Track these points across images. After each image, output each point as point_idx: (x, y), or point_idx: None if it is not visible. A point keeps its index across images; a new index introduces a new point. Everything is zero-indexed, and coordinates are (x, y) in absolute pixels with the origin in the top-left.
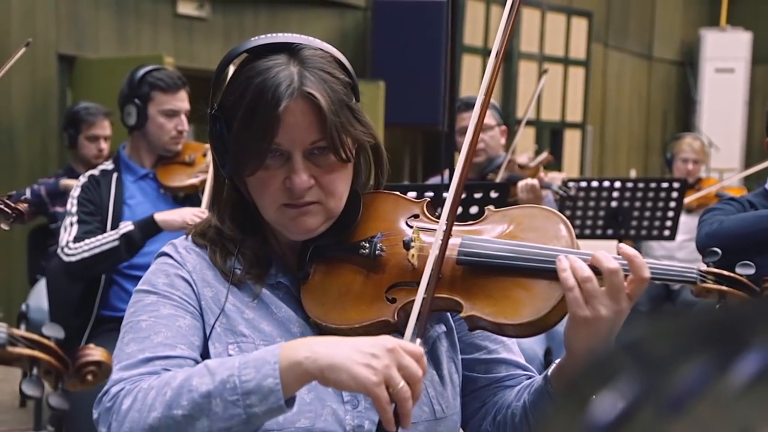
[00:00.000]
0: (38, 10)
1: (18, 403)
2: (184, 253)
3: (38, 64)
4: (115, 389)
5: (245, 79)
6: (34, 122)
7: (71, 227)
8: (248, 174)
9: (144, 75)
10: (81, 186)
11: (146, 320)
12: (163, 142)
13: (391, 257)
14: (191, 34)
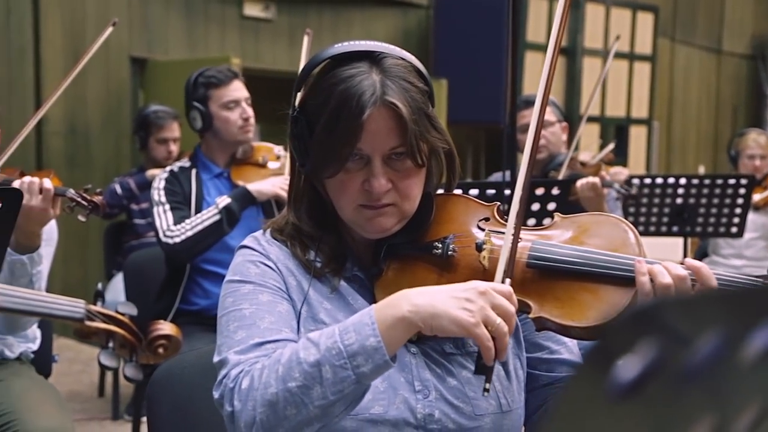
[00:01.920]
0: (111, 13)
1: (97, 393)
2: (266, 245)
3: (112, 67)
4: (235, 371)
5: (329, 86)
6: (108, 123)
7: (165, 214)
8: (329, 176)
9: (196, 78)
10: (164, 179)
11: (248, 308)
12: (233, 134)
13: (462, 258)
14: (257, 35)
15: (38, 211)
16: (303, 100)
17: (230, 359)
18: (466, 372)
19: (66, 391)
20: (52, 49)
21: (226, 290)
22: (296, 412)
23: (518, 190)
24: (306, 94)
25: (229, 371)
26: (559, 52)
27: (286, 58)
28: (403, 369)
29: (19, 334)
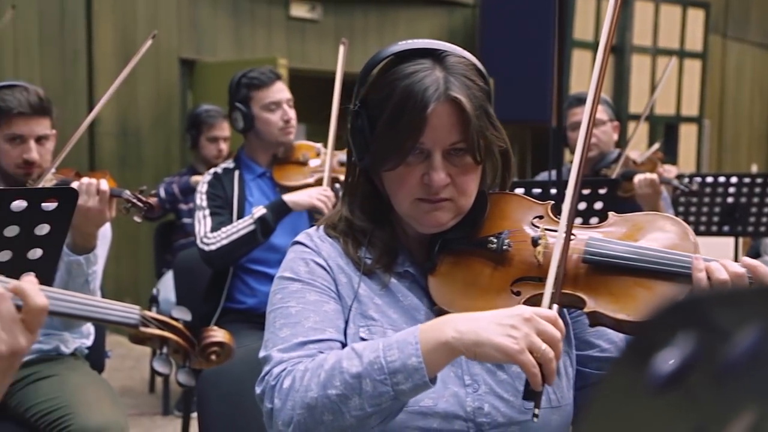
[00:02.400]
0: (161, 16)
1: (148, 389)
2: (318, 241)
3: (161, 69)
4: (277, 369)
5: (392, 81)
6: (158, 124)
7: (204, 219)
8: (389, 169)
9: (239, 79)
10: (207, 182)
11: (295, 306)
12: (274, 135)
13: (517, 253)
14: (303, 35)
15: (95, 212)
16: (365, 95)
17: (274, 357)
18: (516, 367)
19: (118, 387)
20: (104, 52)
21: (276, 286)
22: (333, 419)
23: (570, 188)
24: (368, 89)
25: (271, 369)
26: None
27: (332, 58)
28: (452, 364)
29: (74, 330)
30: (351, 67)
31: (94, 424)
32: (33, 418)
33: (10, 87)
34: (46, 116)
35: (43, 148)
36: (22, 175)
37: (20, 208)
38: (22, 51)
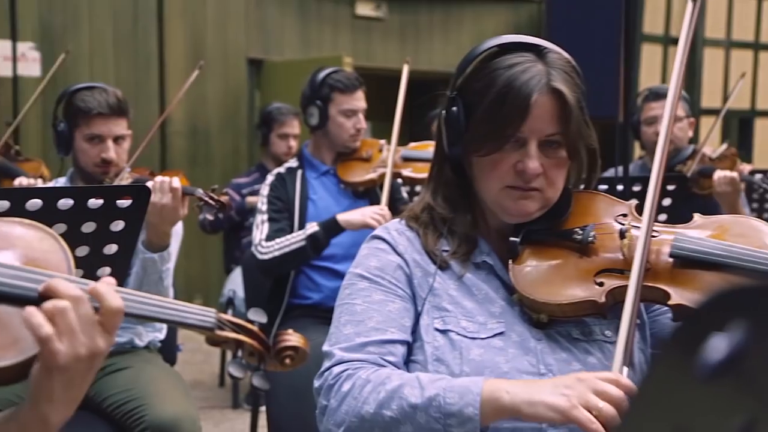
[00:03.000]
0: (230, 18)
1: (218, 382)
2: (396, 235)
3: (230, 69)
4: (337, 369)
5: (494, 70)
6: (226, 123)
7: (262, 225)
8: (484, 153)
9: (324, 78)
10: (269, 185)
11: (360, 304)
12: (343, 140)
13: (601, 246)
14: (369, 34)
15: (169, 210)
16: (463, 83)
17: (336, 354)
18: (591, 358)
19: (189, 380)
20: (174, 54)
21: (347, 280)
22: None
23: (653, 182)
24: (468, 77)
25: (332, 367)
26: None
27: (397, 56)
28: (527, 353)
29: (148, 324)
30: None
31: (167, 415)
32: (109, 409)
33: (90, 88)
34: (123, 117)
35: (120, 147)
36: (100, 174)
37: (97, 206)
38: (98, 55)
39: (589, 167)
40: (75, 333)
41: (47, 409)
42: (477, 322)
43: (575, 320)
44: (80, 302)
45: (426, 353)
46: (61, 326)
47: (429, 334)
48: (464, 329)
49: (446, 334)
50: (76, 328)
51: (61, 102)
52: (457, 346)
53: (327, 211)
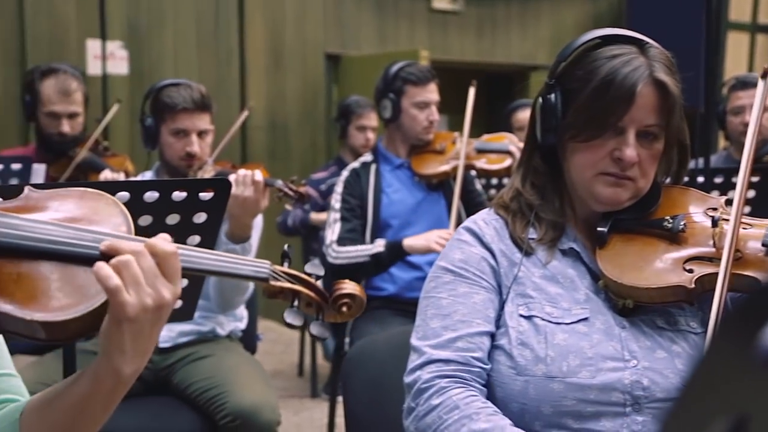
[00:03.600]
0: (308, 14)
1: (297, 372)
2: (483, 225)
3: (308, 64)
4: (428, 374)
5: (597, 59)
6: (304, 118)
7: (334, 224)
8: (583, 140)
9: (397, 71)
10: (343, 181)
11: (446, 298)
12: (416, 132)
13: (691, 235)
14: (445, 27)
15: (251, 202)
16: (563, 70)
17: (425, 351)
18: (676, 347)
19: (269, 370)
20: (255, 50)
21: (432, 272)
22: None
23: (742, 173)
24: (568, 66)
25: (423, 366)
26: None
27: (474, 49)
28: (611, 339)
29: (229, 313)
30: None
31: (248, 402)
32: (192, 395)
33: (176, 85)
34: (207, 112)
35: (204, 141)
36: (185, 167)
37: (180, 198)
38: (181, 52)
39: (679, 162)
40: (140, 284)
41: (119, 361)
42: (561, 308)
43: (660, 309)
44: (141, 255)
45: (510, 337)
46: (126, 278)
47: (513, 319)
48: (548, 314)
49: (531, 319)
50: (141, 279)
51: (149, 98)
52: (542, 330)
53: (401, 203)
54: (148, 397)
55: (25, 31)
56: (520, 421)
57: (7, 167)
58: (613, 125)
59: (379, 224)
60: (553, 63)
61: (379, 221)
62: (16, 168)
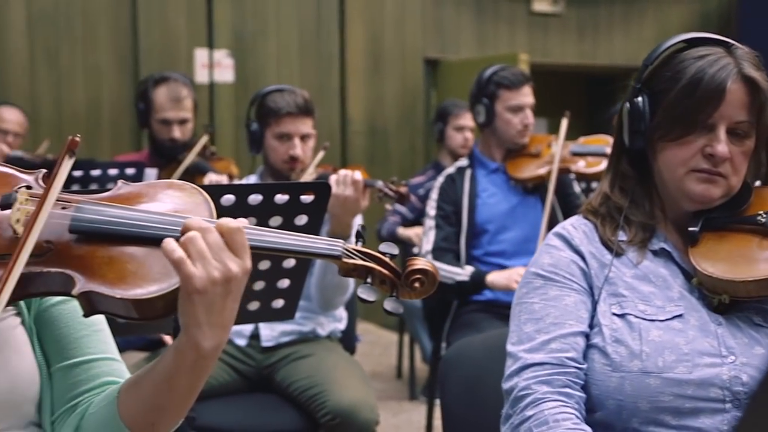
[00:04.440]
0: (408, 19)
1: (395, 374)
2: (571, 229)
3: (407, 69)
4: (525, 381)
5: (684, 60)
6: (403, 122)
7: (430, 232)
8: (673, 138)
9: (490, 75)
10: (439, 187)
11: (538, 302)
12: (511, 136)
13: None
14: (545, 30)
15: (351, 202)
16: (650, 74)
17: (520, 356)
18: None
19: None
20: (355, 55)
21: (524, 279)
22: None
23: None
24: (655, 68)
25: (519, 372)
26: None
27: (575, 51)
28: (707, 335)
29: (329, 313)
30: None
31: (347, 401)
32: (294, 393)
33: (280, 90)
34: (310, 116)
35: (306, 145)
36: (287, 170)
37: (283, 201)
38: (284, 58)
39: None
40: (206, 257)
41: (197, 334)
42: (655, 306)
43: (756, 304)
44: (207, 231)
45: (604, 335)
46: (192, 252)
47: (606, 318)
48: (642, 312)
49: (624, 317)
50: (207, 253)
51: (254, 104)
52: (636, 327)
53: (496, 207)
54: (252, 395)
55: (139, 42)
56: (617, 418)
57: (122, 171)
58: (703, 123)
59: (474, 229)
60: (640, 67)
61: (475, 226)
62: (131, 172)
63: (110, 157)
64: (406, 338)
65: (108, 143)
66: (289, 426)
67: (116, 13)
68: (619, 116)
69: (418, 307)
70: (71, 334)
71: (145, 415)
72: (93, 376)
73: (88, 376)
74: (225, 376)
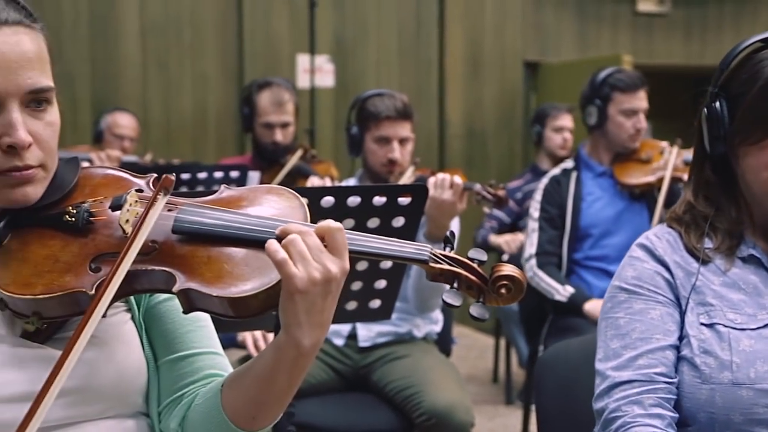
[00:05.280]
0: (508, 22)
1: (491, 378)
2: (655, 239)
3: (506, 72)
4: (615, 402)
5: (761, 60)
6: (501, 125)
7: (533, 234)
8: (753, 142)
9: (605, 77)
10: (543, 189)
11: (623, 317)
12: (622, 140)
13: None
14: (650, 30)
15: (449, 205)
16: (727, 77)
17: (609, 375)
18: None
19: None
20: (454, 59)
21: (608, 293)
22: None
23: None
24: (732, 71)
25: (609, 392)
26: None
27: (682, 52)
28: None
29: (426, 315)
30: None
31: (443, 402)
32: (390, 393)
33: (380, 95)
34: (409, 120)
35: (404, 149)
36: (386, 173)
37: (381, 203)
38: (383, 63)
39: None
40: (306, 258)
41: (297, 333)
42: (745, 314)
43: None
44: (307, 234)
45: (692, 347)
46: (293, 253)
47: (694, 328)
48: (731, 321)
49: (712, 327)
50: (307, 254)
51: (354, 107)
52: (725, 337)
53: (602, 212)
54: (348, 394)
55: (244, 49)
56: (709, 431)
57: (227, 174)
58: None
59: (578, 233)
60: (716, 71)
61: (578, 230)
62: (235, 175)
63: (215, 160)
64: (503, 342)
65: (213, 147)
66: (384, 425)
67: (223, 21)
68: (698, 122)
69: (515, 311)
70: (177, 329)
71: (246, 409)
72: (197, 369)
73: (193, 368)
74: (323, 374)
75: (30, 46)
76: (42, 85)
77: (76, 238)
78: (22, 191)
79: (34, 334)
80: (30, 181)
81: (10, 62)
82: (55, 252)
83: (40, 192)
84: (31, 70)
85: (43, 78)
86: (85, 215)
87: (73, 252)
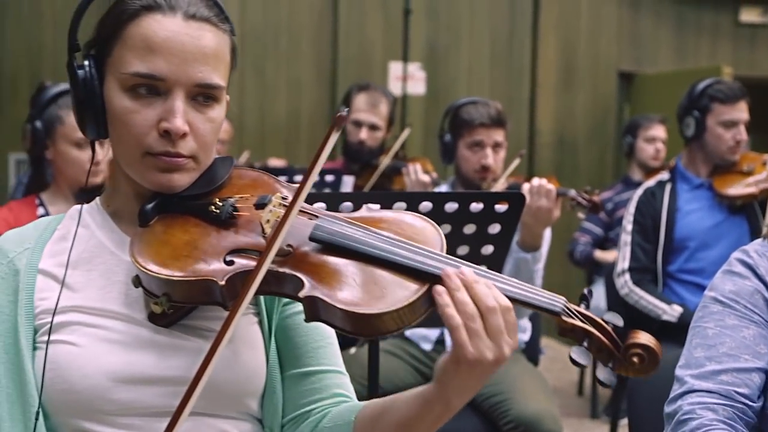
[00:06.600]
0: (603, 31)
1: (576, 390)
2: (756, 257)
3: (599, 82)
4: (689, 405)
5: None
6: (593, 135)
7: (625, 248)
8: None
9: (704, 88)
10: (637, 201)
11: (712, 328)
12: (721, 152)
13: None
14: (753, 41)
15: (544, 211)
16: None
17: (687, 381)
18: None
19: None
20: (546, 67)
21: (701, 303)
22: None
23: None
24: None
25: (683, 396)
26: None
27: None
28: None
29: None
30: None
31: (531, 411)
32: (477, 400)
33: (474, 103)
34: (502, 127)
35: (497, 155)
36: (479, 180)
37: (477, 210)
38: (475, 70)
39: None
40: (481, 337)
41: (452, 394)
42: None
43: None
44: (493, 313)
45: None
46: (471, 330)
47: None
48: None
49: None
50: (483, 334)
51: (448, 115)
52: None
53: (699, 224)
54: None
55: (338, 55)
56: None
57: (322, 179)
58: None
59: (672, 245)
60: None
61: (673, 242)
62: (330, 179)
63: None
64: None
65: (305, 151)
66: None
67: (318, 28)
68: None
69: None
70: (309, 343)
71: None
72: (325, 387)
73: (321, 385)
74: (410, 378)
75: (210, 42)
76: (211, 81)
77: (217, 229)
78: (168, 177)
79: (160, 317)
80: (178, 169)
81: (187, 53)
82: (195, 239)
83: (186, 182)
84: (205, 65)
85: (215, 75)
86: (229, 209)
87: (212, 242)
